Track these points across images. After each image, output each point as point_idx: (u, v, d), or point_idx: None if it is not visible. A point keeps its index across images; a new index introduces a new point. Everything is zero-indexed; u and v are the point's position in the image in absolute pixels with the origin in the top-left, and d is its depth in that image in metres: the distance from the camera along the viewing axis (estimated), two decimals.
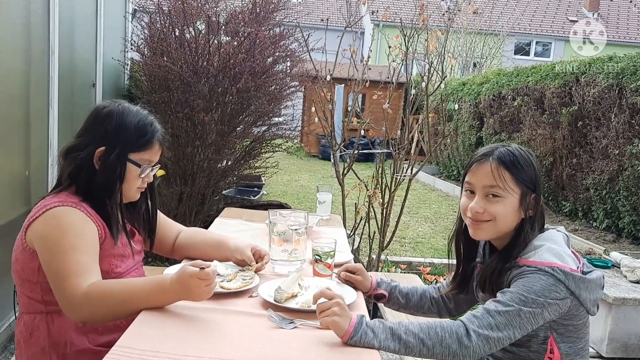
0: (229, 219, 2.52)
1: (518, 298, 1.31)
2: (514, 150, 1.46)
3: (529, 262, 1.37)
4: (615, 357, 2.67)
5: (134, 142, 1.54)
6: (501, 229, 1.46)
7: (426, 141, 5.35)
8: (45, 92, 3.23)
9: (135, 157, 1.54)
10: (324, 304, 1.31)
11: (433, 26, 4.14)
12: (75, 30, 3.83)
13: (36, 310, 1.50)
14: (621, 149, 5.61)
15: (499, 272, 1.44)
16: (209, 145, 4.15)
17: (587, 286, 1.36)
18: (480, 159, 1.47)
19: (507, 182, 1.42)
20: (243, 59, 4.03)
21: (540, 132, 7.08)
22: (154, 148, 1.58)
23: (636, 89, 5.40)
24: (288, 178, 9.58)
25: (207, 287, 1.35)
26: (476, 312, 1.33)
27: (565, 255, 1.38)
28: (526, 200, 1.44)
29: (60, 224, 1.42)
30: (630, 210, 5.64)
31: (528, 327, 1.32)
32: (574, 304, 1.36)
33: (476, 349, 1.28)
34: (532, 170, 1.45)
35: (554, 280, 1.32)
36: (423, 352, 1.28)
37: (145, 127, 1.56)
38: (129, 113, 1.56)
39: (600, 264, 3.04)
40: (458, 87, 10.26)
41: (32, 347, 1.49)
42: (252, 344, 1.26)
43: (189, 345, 1.21)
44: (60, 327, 1.48)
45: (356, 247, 4.04)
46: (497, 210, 1.43)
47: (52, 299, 1.43)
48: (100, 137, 1.52)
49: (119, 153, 1.52)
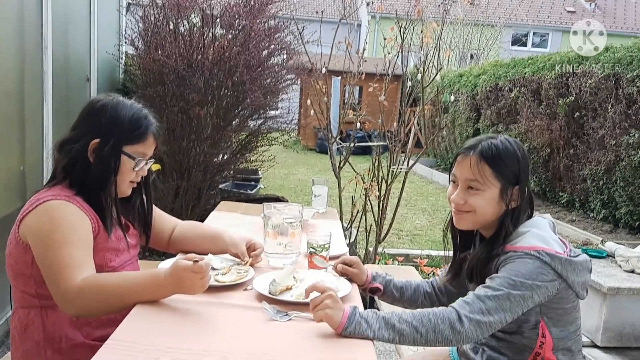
0: (225, 212, 2.52)
1: (507, 282, 1.33)
2: (499, 144, 1.48)
3: (516, 248, 1.40)
4: (610, 346, 2.69)
5: (128, 134, 1.54)
6: (482, 219, 1.50)
7: (423, 133, 5.36)
8: (39, 87, 3.21)
9: (129, 149, 1.54)
10: (316, 298, 1.31)
11: (429, 18, 4.13)
12: (68, 25, 3.81)
13: (30, 305, 1.50)
14: (618, 139, 5.61)
15: (485, 260, 1.46)
16: (204, 139, 4.14)
17: (574, 268, 1.38)
18: (464, 152, 1.50)
19: (486, 177, 1.45)
20: (238, 52, 4.01)
21: (538, 123, 7.08)
22: (148, 141, 1.58)
23: (632, 79, 5.40)
24: (285, 172, 9.57)
25: (201, 281, 1.35)
26: (467, 298, 1.36)
27: (551, 240, 1.41)
28: (507, 193, 1.46)
29: (54, 217, 1.42)
30: (627, 201, 5.65)
31: (518, 310, 1.34)
32: (563, 287, 1.38)
33: (469, 333, 1.30)
34: (516, 163, 1.47)
35: (541, 262, 1.35)
36: (417, 340, 1.30)
37: (139, 120, 1.56)
38: (124, 106, 1.56)
39: (595, 254, 3.05)
40: (455, 78, 10.24)
41: (27, 342, 1.49)
42: (246, 336, 1.26)
43: (184, 338, 1.22)
44: (55, 322, 1.48)
45: (353, 239, 4.05)
46: (476, 202, 1.47)
47: (46, 293, 1.43)
48: (94, 130, 1.52)
49: (113, 145, 1.51)
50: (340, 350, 1.22)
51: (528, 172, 1.50)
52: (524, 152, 1.50)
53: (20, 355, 1.51)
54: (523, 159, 1.48)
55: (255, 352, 1.18)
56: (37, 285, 1.46)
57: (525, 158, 1.50)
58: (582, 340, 1.52)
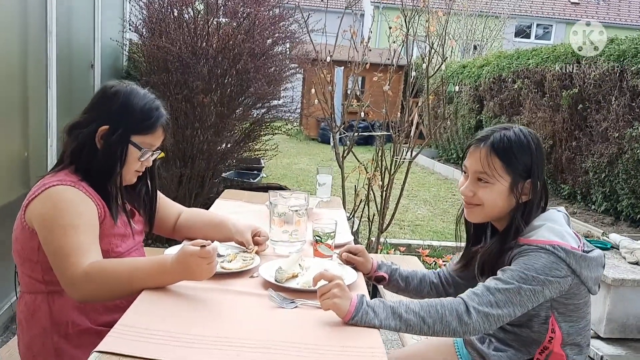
0: (229, 200, 2.52)
1: (518, 276, 1.32)
2: (511, 135, 1.44)
3: (530, 241, 1.37)
4: (613, 337, 2.70)
5: (138, 124, 1.53)
6: (491, 213, 1.47)
7: (426, 124, 5.34)
8: (43, 72, 3.20)
9: (137, 139, 1.53)
10: (324, 286, 1.31)
11: (434, 7, 4.11)
12: (73, 10, 3.79)
13: (37, 290, 1.50)
14: (621, 132, 5.60)
15: (497, 254, 1.44)
16: (208, 127, 4.13)
17: (588, 264, 1.36)
18: (476, 143, 1.47)
19: (496, 170, 1.42)
20: (242, 40, 3.99)
21: (541, 115, 7.06)
22: (157, 132, 1.57)
23: (637, 71, 5.37)
24: (288, 161, 9.57)
25: (208, 266, 1.35)
26: (476, 289, 1.34)
27: (566, 234, 1.38)
28: (518, 187, 1.43)
29: (59, 202, 1.42)
30: (629, 193, 5.65)
31: (528, 304, 1.33)
32: (575, 283, 1.36)
33: (476, 325, 1.29)
34: (528, 157, 1.43)
35: (555, 257, 1.32)
36: (424, 330, 1.30)
37: (151, 111, 1.55)
38: (137, 95, 1.55)
39: (599, 246, 3.05)
40: (458, 69, 10.20)
41: (33, 327, 1.50)
42: (253, 323, 1.26)
43: (190, 324, 1.22)
44: (62, 307, 1.48)
45: (356, 229, 4.05)
46: (485, 196, 1.44)
47: (52, 278, 1.43)
48: (104, 116, 1.51)
49: (122, 134, 1.51)
50: (347, 338, 1.22)
51: (542, 165, 1.46)
52: (538, 144, 1.46)
53: (27, 340, 1.52)
54: (537, 152, 1.44)
55: (261, 339, 1.18)
56: (43, 271, 1.46)
57: (540, 150, 1.45)
58: (590, 336, 1.51)
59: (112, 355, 1.06)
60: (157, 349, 1.10)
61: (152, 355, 1.07)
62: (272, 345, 1.16)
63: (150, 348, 1.10)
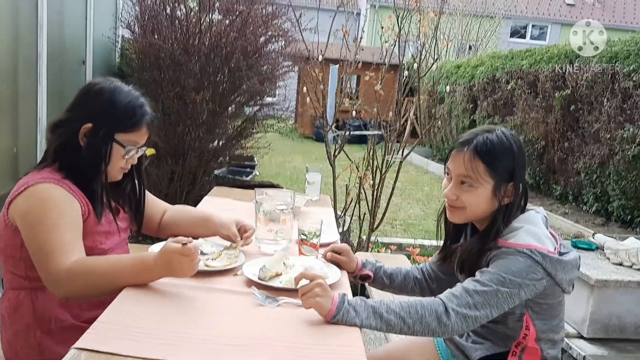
0: (218, 197, 2.53)
1: (496, 278, 1.34)
2: (494, 139, 1.45)
3: (508, 244, 1.39)
4: (596, 337, 2.72)
5: (121, 122, 1.52)
6: (474, 215, 1.50)
7: (419, 123, 5.36)
8: (33, 68, 3.20)
9: (121, 137, 1.53)
10: (305, 286, 1.32)
11: (427, 7, 4.12)
12: (64, 6, 3.78)
13: (20, 286, 1.50)
14: (612, 133, 5.63)
15: (477, 253, 1.46)
16: (200, 124, 4.14)
17: (563, 267, 1.39)
18: (459, 147, 1.48)
19: (479, 174, 1.43)
20: (235, 37, 4.00)
21: (533, 115, 7.09)
22: (141, 130, 1.56)
23: (629, 73, 5.41)
24: (281, 159, 9.57)
25: (190, 263, 1.35)
26: (455, 290, 1.36)
27: (544, 237, 1.40)
28: (500, 190, 1.44)
29: (42, 201, 1.42)
30: (620, 195, 5.69)
31: (505, 306, 1.35)
32: (550, 284, 1.39)
33: (455, 327, 1.31)
34: (511, 159, 1.44)
35: (532, 262, 1.35)
36: (404, 330, 1.31)
37: (134, 109, 1.54)
38: (120, 92, 1.54)
39: (585, 246, 3.08)
40: (452, 69, 10.22)
41: (16, 323, 1.50)
42: (235, 321, 1.27)
43: (172, 322, 1.22)
44: (45, 303, 1.49)
45: (347, 228, 4.07)
46: (468, 199, 1.46)
47: (35, 275, 1.43)
48: (88, 114, 1.50)
49: (106, 132, 1.50)
50: (327, 336, 1.23)
51: (524, 167, 1.47)
52: (520, 146, 1.47)
53: (10, 336, 1.52)
54: (519, 154, 1.46)
55: (243, 337, 1.19)
56: (26, 268, 1.47)
57: (522, 153, 1.47)
58: (564, 330, 1.54)
59: (90, 352, 1.06)
60: (137, 346, 1.10)
61: (132, 352, 1.07)
62: (254, 343, 1.16)
63: (130, 345, 1.10)
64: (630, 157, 5.35)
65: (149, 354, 1.08)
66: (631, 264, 2.82)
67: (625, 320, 2.72)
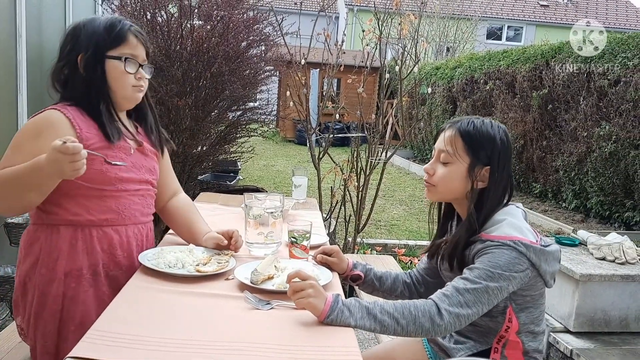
0: (205, 203, 2.52)
1: (485, 274, 1.36)
2: (479, 123, 1.50)
3: (492, 237, 1.42)
4: (582, 331, 2.77)
5: (106, 38, 1.57)
6: (446, 192, 1.54)
7: (401, 125, 5.40)
8: (12, 77, 3.15)
9: (114, 53, 1.58)
10: (297, 284, 1.32)
11: (406, 10, 4.17)
12: (43, 13, 3.73)
13: (39, 221, 1.56)
14: (589, 131, 5.75)
15: (462, 245, 1.48)
16: (183, 130, 4.11)
17: (546, 258, 1.42)
18: (447, 126, 1.54)
19: (457, 149, 1.48)
20: (217, 43, 3.99)
21: (512, 115, 7.20)
22: (129, 41, 1.60)
23: (603, 72, 5.53)
24: (264, 163, 9.56)
25: (72, 164, 1.33)
26: (446, 290, 1.38)
27: (525, 229, 1.44)
28: (474, 170, 1.48)
29: (27, 124, 1.51)
30: (598, 191, 5.80)
31: (495, 301, 1.38)
32: (533, 275, 1.42)
33: (448, 326, 1.33)
34: (490, 144, 1.47)
35: (517, 253, 1.37)
36: (397, 331, 1.33)
37: (114, 24, 1.60)
38: (97, 18, 1.62)
39: (568, 242, 3.13)
40: (432, 71, 10.33)
41: (30, 256, 1.56)
42: (229, 325, 1.27)
43: (165, 328, 1.22)
44: (56, 243, 1.53)
45: (332, 230, 4.08)
46: (441, 172, 1.51)
47: (51, 209, 1.52)
48: (77, 47, 1.57)
49: (95, 52, 1.56)
50: (322, 338, 1.24)
51: (506, 159, 1.50)
52: (505, 138, 1.50)
53: (23, 270, 1.57)
54: (502, 144, 1.48)
55: (237, 341, 1.19)
56: (45, 202, 1.49)
57: (505, 145, 1.49)
58: (544, 322, 1.56)
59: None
60: (131, 353, 1.10)
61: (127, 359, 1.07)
62: (248, 347, 1.16)
63: (124, 353, 1.10)
64: (607, 154, 5.46)
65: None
66: (614, 258, 2.88)
67: (610, 313, 2.78)
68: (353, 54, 4.84)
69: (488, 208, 1.48)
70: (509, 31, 22.45)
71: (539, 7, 22.87)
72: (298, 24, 3.98)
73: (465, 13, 17.16)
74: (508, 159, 1.51)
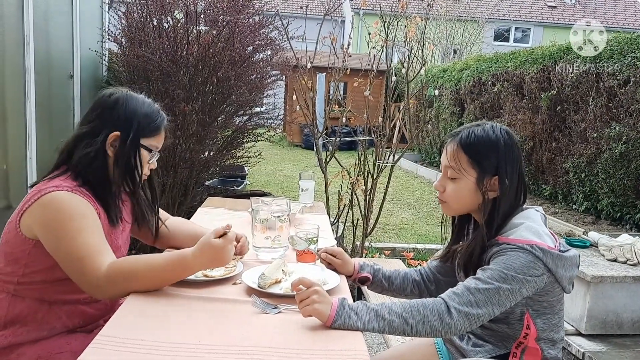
0: (212, 208, 2.52)
1: (498, 275, 1.34)
2: (479, 132, 1.47)
3: (509, 240, 1.39)
4: (594, 333, 2.74)
5: (145, 127, 1.57)
6: (459, 208, 1.52)
7: (408, 128, 5.39)
8: (21, 84, 3.18)
9: (146, 142, 1.58)
10: (302, 292, 1.31)
11: (412, 13, 4.16)
12: (50, 21, 3.77)
13: (3, 290, 1.50)
14: (599, 132, 5.70)
15: (478, 251, 1.46)
16: (190, 135, 4.12)
17: (564, 264, 1.39)
18: (448, 139, 1.52)
19: (462, 164, 1.46)
20: (222, 48, 4.00)
21: (520, 117, 7.16)
22: (161, 134, 1.62)
23: (613, 72, 5.48)
24: (271, 168, 9.57)
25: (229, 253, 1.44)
26: (456, 289, 1.36)
27: (544, 234, 1.41)
28: (484, 182, 1.45)
29: (61, 208, 1.42)
30: (609, 192, 5.74)
31: (507, 303, 1.35)
32: (550, 281, 1.39)
33: (457, 325, 1.31)
34: (495, 152, 1.44)
35: (533, 257, 1.35)
36: (407, 331, 1.31)
37: (154, 113, 1.60)
38: (137, 99, 1.60)
39: (579, 244, 3.10)
40: (439, 73, 10.30)
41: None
42: (237, 330, 1.26)
43: (173, 333, 1.22)
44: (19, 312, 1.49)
45: (340, 234, 4.07)
46: (452, 190, 1.49)
47: (29, 280, 1.46)
48: (112, 123, 1.54)
49: (133, 138, 1.54)
50: (330, 342, 1.23)
51: (513, 162, 1.46)
52: (509, 141, 1.46)
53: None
54: (506, 148, 1.45)
55: (246, 345, 1.18)
56: (24, 275, 1.47)
57: (510, 148, 1.46)
58: (564, 330, 1.54)
59: None
60: (140, 358, 1.10)
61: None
62: (257, 351, 1.16)
63: (133, 358, 1.09)
64: (618, 154, 5.41)
65: None
66: (626, 259, 2.85)
67: (622, 315, 2.74)
68: (359, 57, 4.84)
69: (502, 215, 1.46)
70: (516, 33, 22.39)
71: (546, 8, 22.79)
72: (304, 28, 3.99)
73: (472, 15, 17.12)
74: (516, 160, 1.48)
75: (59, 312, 1.52)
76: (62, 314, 1.52)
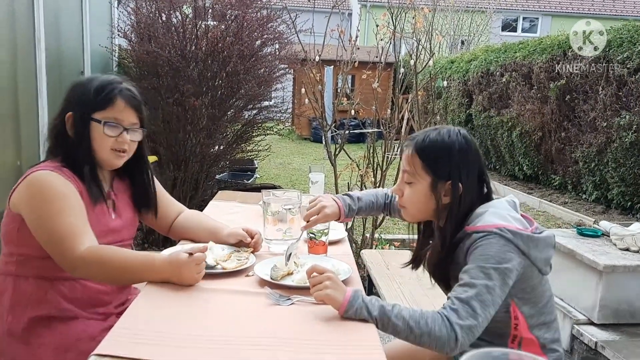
0: (223, 201, 2.54)
1: (480, 274, 1.31)
2: (434, 136, 1.45)
3: (476, 228, 1.37)
4: (606, 323, 2.73)
5: (94, 101, 1.57)
6: (416, 214, 1.53)
7: (416, 120, 5.38)
8: (33, 81, 3.21)
9: (98, 115, 1.57)
10: (316, 278, 1.33)
11: (420, 4, 4.14)
12: (60, 18, 3.80)
13: (7, 272, 1.55)
14: (609, 121, 5.66)
15: (443, 256, 1.46)
16: (200, 130, 4.15)
17: (536, 245, 1.37)
18: (406, 143, 1.52)
19: (416, 169, 1.46)
20: (231, 42, 4.01)
21: (529, 107, 7.12)
22: (116, 105, 1.58)
23: (622, 61, 5.43)
24: (281, 161, 9.59)
25: (196, 275, 1.44)
26: (452, 305, 1.31)
27: (510, 217, 1.39)
28: (437, 188, 1.44)
29: (42, 188, 1.47)
30: (619, 182, 5.71)
31: (498, 300, 1.32)
32: (526, 264, 1.37)
33: (463, 341, 1.27)
34: (447, 157, 1.43)
35: (505, 240, 1.33)
36: (410, 338, 1.30)
37: (104, 87, 1.58)
38: (95, 78, 1.62)
39: (591, 233, 3.09)
40: (447, 65, 10.25)
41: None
42: (251, 321, 1.28)
43: (188, 324, 1.24)
44: (24, 294, 1.53)
45: (350, 226, 4.09)
46: (407, 194, 1.50)
47: (23, 260, 1.52)
48: (68, 105, 1.60)
49: (82, 114, 1.57)
50: (345, 333, 1.24)
51: (468, 166, 1.44)
52: (464, 145, 1.44)
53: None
54: (460, 153, 1.43)
55: (259, 336, 1.20)
56: (18, 254, 1.53)
57: (465, 152, 1.44)
58: (555, 310, 1.51)
59: (109, 357, 1.07)
60: (155, 350, 1.11)
61: (150, 356, 1.09)
62: (271, 342, 1.18)
63: (149, 349, 1.11)
64: (628, 144, 5.37)
65: (169, 357, 1.10)
66: (638, 248, 2.83)
67: (635, 305, 2.73)
68: (367, 50, 4.83)
69: (456, 220, 1.44)
70: (524, 22, 22.17)
71: None
72: (311, 21, 3.99)
73: (479, 5, 16.98)
74: (472, 164, 1.45)
75: (62, 289, 1.55)
76: (65, 290, 1.55)
